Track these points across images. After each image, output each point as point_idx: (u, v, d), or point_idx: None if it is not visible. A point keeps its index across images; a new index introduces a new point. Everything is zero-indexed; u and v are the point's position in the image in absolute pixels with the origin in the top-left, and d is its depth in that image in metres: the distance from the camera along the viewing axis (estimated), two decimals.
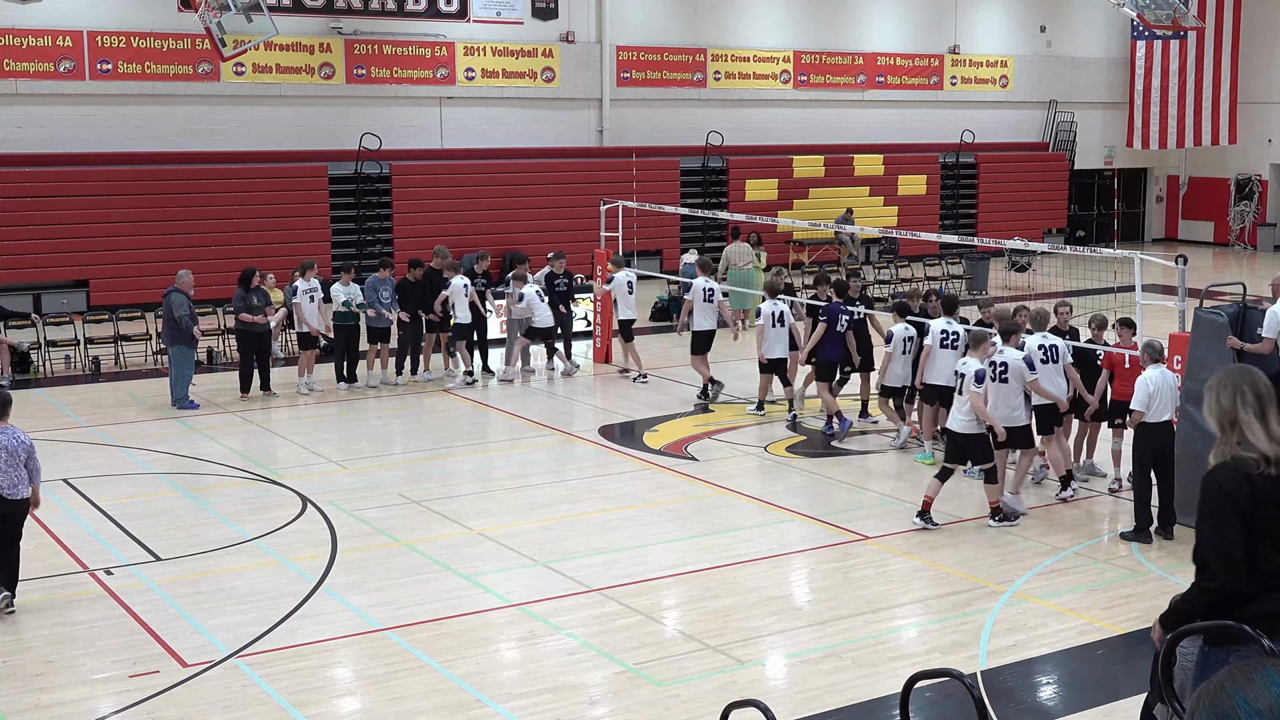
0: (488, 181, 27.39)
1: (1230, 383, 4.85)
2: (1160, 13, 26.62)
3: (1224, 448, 4.81)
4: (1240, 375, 4.91)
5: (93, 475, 13.65)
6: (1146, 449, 11.46)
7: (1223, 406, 4.81)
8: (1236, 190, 36.13)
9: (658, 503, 12.76)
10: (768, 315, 15.87)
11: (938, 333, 13.73)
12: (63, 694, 8.40)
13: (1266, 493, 4.67)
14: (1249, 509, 4.66)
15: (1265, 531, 4.69)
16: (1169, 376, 11.37)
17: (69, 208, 23.82)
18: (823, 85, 31.96)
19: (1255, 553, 4.67)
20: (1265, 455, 4.66)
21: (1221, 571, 4.72)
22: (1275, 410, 4.80)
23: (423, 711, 8.14)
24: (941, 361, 13.54)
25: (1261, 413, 4.73)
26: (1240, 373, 4.96)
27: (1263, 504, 4.68)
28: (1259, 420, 4.71)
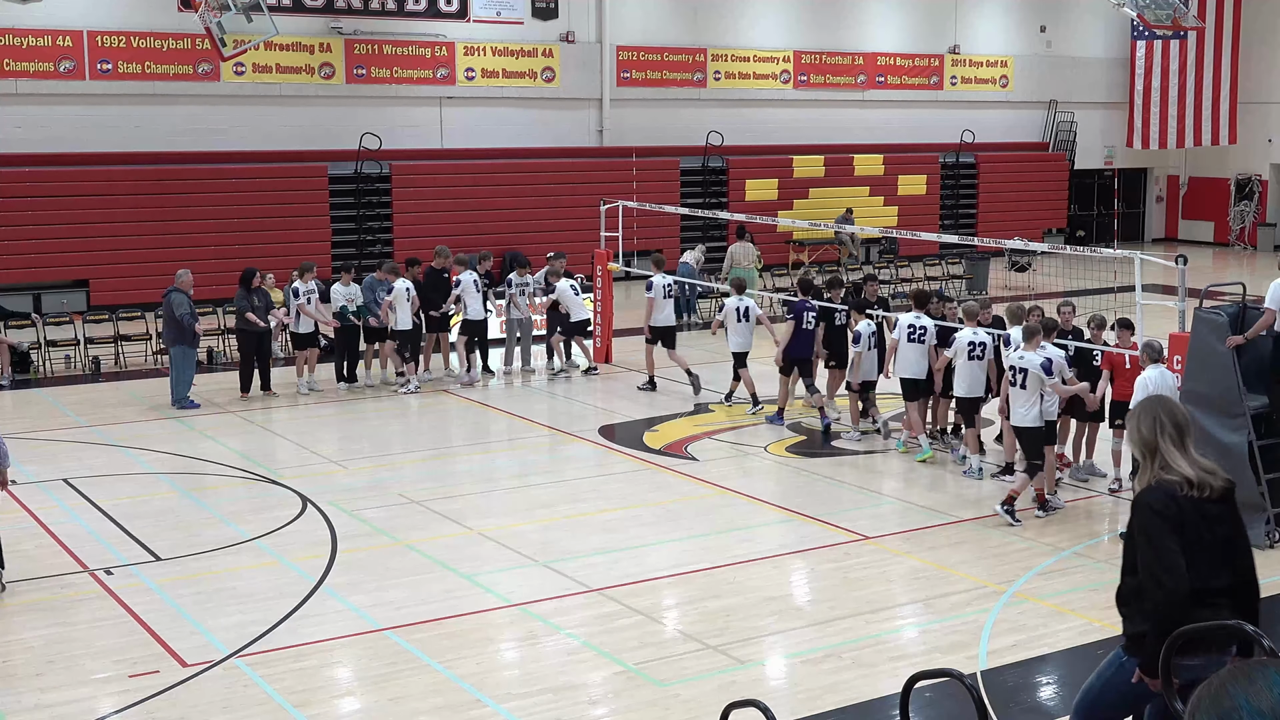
0: (488, 181, 27.39)
1: (1150, 413, 5.12)
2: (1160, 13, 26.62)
3: (1146, 474, 5.11)
4: (1159, 405, 5.19)
5: (93, 475, 13.65)
6: None
7: (1143, 436, 5.09)
8: (1236, 190, 36.13)
9: (658, 503, 12.76)
10: (731, 310, 16.43)
11: (904, 327, 14.06)
12: (63, 694, 8.40)
13: (1191, 513, 4.93)
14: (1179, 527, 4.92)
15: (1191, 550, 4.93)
16: (1168, 377, 11.32)
17: (69, 208, 23.82)
18: (823, 85, 31.96)
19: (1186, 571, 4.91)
20: (1187, 478, 4.94)
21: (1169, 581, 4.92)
22: (1192, 437, 5.09)
23: (423, 711, 8.14)
24: (910, 355, 13.95)
25: (1180, 440, 5.01)
26: (1159, 402, 5.25)
27: (1188, 523, 4.94)
28: (1178, 447, 5.00)
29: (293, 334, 18.09)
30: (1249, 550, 5.17)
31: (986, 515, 12.26)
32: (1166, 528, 4.93)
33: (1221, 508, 5.05)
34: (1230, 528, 5.06)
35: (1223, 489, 5.05)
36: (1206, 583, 4.98)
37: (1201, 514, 4.97)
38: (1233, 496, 5.14)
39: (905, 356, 14.04)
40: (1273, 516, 11.38)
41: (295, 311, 17.66)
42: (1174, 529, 4.93)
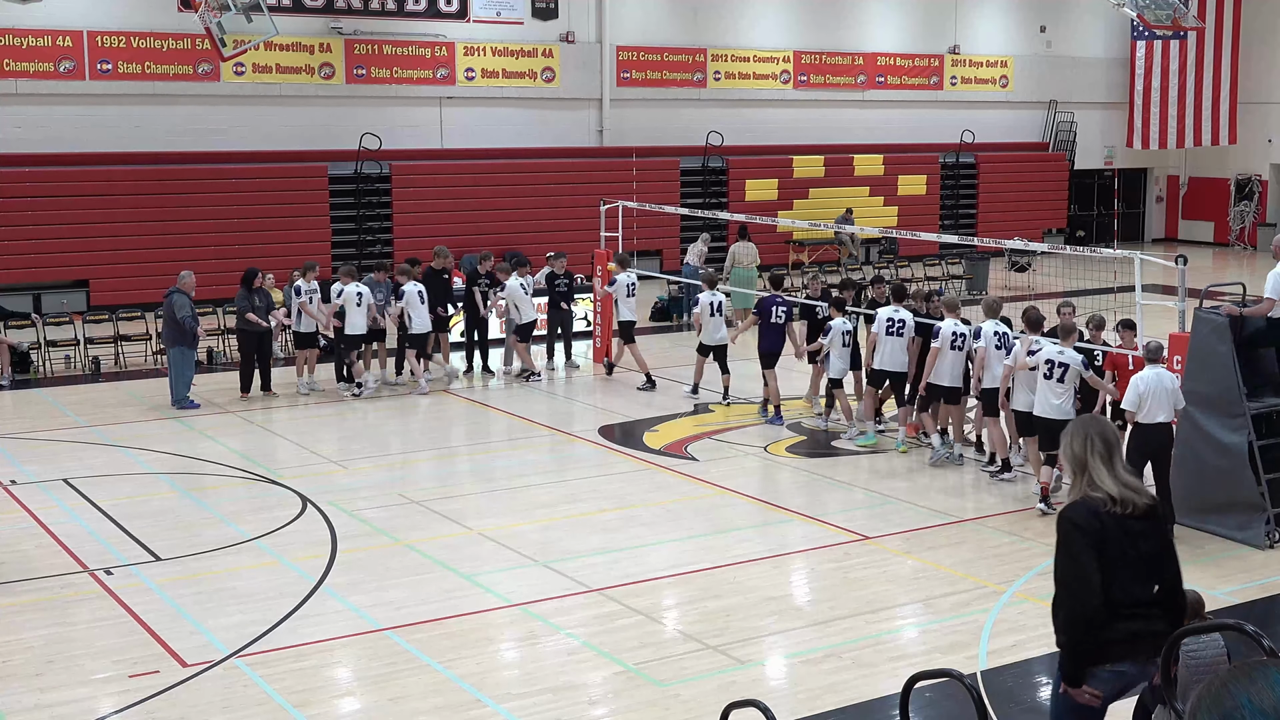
0: (488, 181, 27.38)
1: (1082, 431, 5.29)
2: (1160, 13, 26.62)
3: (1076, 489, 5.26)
4: (1091, 424, 5.38)
5: (93, 475, 13.65)
6: (1139, 449, 11.31)
7: (1074, 452, 5.25)
8: (1236, 190, 36.12)
9: (658, 503, 12.76)
10: (705, 305, 16.84)
11: (884, 321, 14.35)
12: (63, 694, 8.40)
13: (1113, 529, 5.12)
14: (1100, 543, 5.09)
15: (1114, 564, 5.12)
16: (1165, 378, 11.26)
17: (69, 208, 23.81)
18: (823, 85, 31.96)
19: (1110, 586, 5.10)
20: (1112, 495, 5.12)
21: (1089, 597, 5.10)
22: (1120, 455, 5.30)
23: (423, 711, 8.14)
24: (889, 348, 14.33)
25: (1109, 458, 5.20)
26: (1091, 422, 5.44)
27: (1111, 539, 5.12)
28: (1106, 465, 5.18)
29: (294, 333, 18.07)
30: (1176, 564, 5.40)
31: (987, 515, 12.28)
32: (1087, 543, 5.09)
33: (1145, 524, 5.23)
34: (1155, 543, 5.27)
35: (1146, 506, 5.24)
36: (1130, 596, 5.18)
37: (1124, 530, 5.14)
38: (1157, 513, 5.34)
39: (884, 350, 14.39)
40: (1273, 516, 11.38)
41: (296, 311, 17.65)
42: (1094, 544, 5.10)
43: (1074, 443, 5.26)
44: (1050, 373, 12.07)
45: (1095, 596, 5.10)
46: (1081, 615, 5.11)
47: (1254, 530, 11.41)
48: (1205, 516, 11.55)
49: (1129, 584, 5.17)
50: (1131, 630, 5.13)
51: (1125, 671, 5.17)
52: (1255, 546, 11.29)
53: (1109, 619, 5.09)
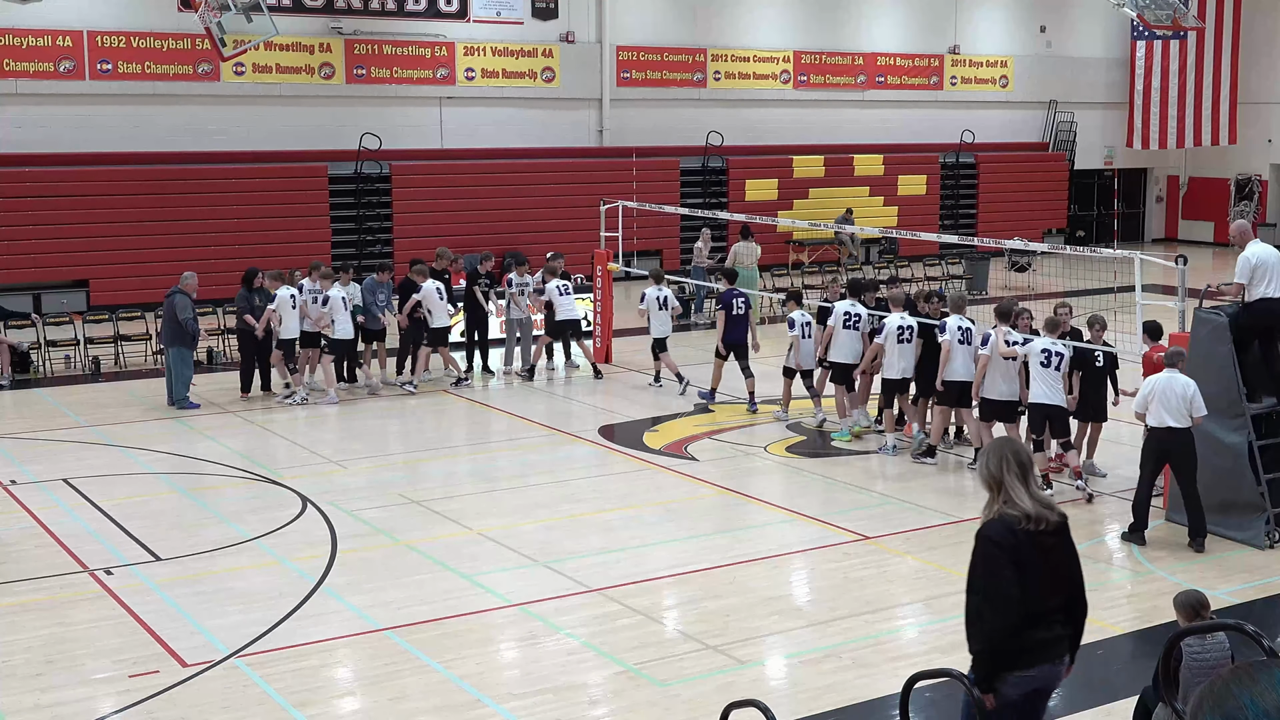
0: (488, 181, 27.38)
1: (998, 452, 5.59)
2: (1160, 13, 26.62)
3: (992, 506, 5.53)
4: (1006, 445, 5.68)
5: (93, 475, 13.65)
6: (1151, 452, 11.29)
7: (991, 471, 5.53)
8: (1236, 190, 36.12)
9: (658, 503, 12.76)
10: (651, 300, 17.70)
11: (840, 314, 14.95)
12: (63, 694, 8.40)
13: (1027, 544, 5.40)
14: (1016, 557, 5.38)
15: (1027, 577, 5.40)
16: (1177, 383, 11.01)
17: (69, 208, 23.81)
18: (823, 85, 31.95)
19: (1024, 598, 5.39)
20: (1027, 513, 5.40)
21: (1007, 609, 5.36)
22: (1034, 475, 5.61)
23: (423, 711, 8.14)
24: (845, 340, 14.87)
25: (1023, 478, 5.51)
26: (1006, 442, 5.74)
27: (1025, 554, 5.40)
28: (1021, 484, 5.47)
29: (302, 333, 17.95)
30: (1080, 574, 5.68)
31: None
32: (1004, 558, 5.37)
33: (1056, 538, 5.54)
34: (1063, 555, 5.57)
35: (1057, 522, 5.55)
36: (1042, 604, 5.48)
37: (1036, 544, 5.42)
38: (1067, 528, 5.65)
39: (840, 342, 14.94)
40: (1273, 516, 11.37)
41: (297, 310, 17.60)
42: (1010, 559, 5.38)
43: (990, 462, 5.53)
44: (1048, 361, 12.56)
45: (1016, 608, 5.36)
46: (1004, 626, 5.37)
47: (1254, 530, 11.41)
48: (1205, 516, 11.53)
49: (1040, 594, 5.43)
50: (1041, 638, 5.41)
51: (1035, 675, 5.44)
52: (1255, 546, 11.29)
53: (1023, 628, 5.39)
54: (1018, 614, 5.34)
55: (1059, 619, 5.51)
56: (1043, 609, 5.44)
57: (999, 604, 5.36)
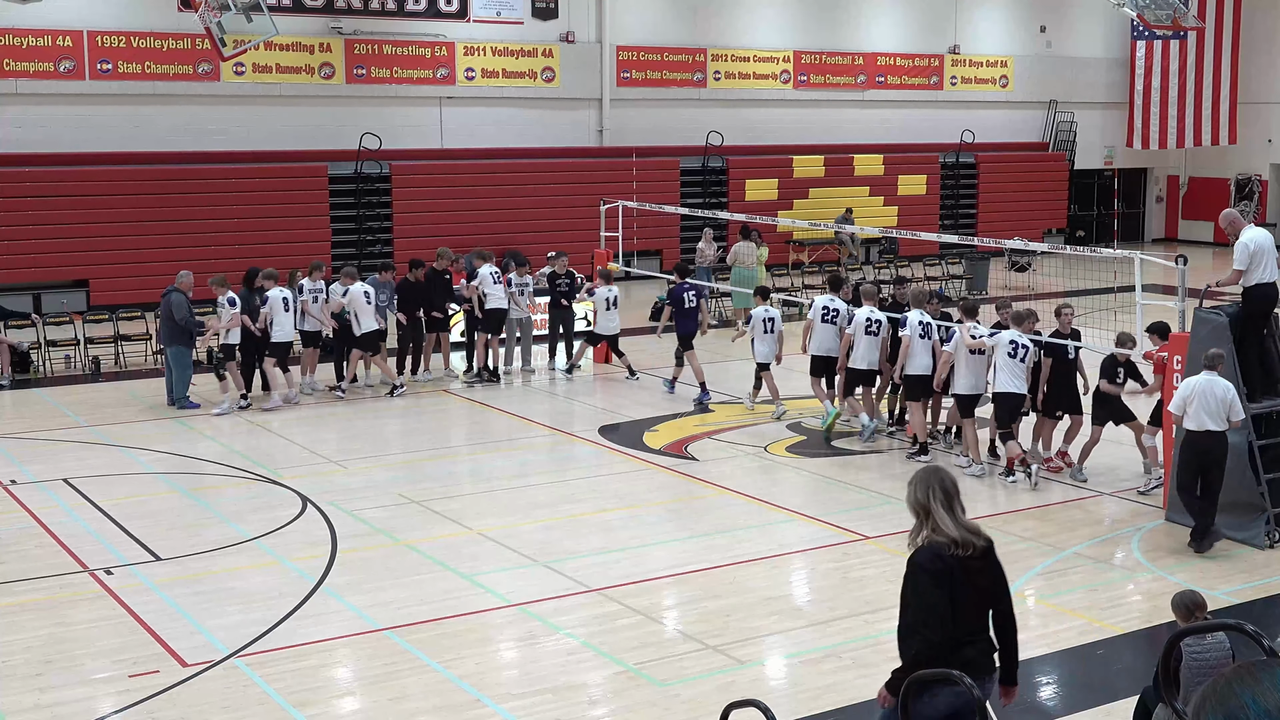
0: (488, 181, 27.37)
1: (925, 481, 5.81)
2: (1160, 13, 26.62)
3: (919, 533, 5.79)
4: (933, 474, 5.89)
5: (93, 475, 13.65)
6: (1188, 462, 11.05)
7: (918, 499, 5.76)
8: (1236, 190, 36.11)
9: (658, 503, 12.76)
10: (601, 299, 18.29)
11: (819, 309, 15.34)
12: (63, 694, 8.40)
13: (956, 569, 5.66)
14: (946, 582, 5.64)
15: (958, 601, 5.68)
16: (1217, 385, 10.88)
17: (69, 208, 23.80)
18: (823, 85, 31.94)
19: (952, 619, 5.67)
20: (954, 540, 5.64)
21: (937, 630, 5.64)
22: (959, 503, 5.81)
23: (423, 711, 8.14)
24: (824, 334, 15.28)
25: (949, 505, 5.73)
26: (934, 471, 5.94)
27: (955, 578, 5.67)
28: (947, 512, 5.70)
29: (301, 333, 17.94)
30: (1008, 594, 5.97)
31: (986, 516, 12.27)
32: (934, 583, 5.63)
33: (982, 562, 5.79)
34: (990, 578, 5.84)
35: (984, 548, 5.79)
36: (971, 625, 5.77)
37: (965, 568, 5.68)
38: (993, 552, 5.88)
39: (819, 336, 15.29)
40: (1273, 516, 11.37)
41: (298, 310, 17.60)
42: (941, 584, 5.63)
43: (918, 490, 5.76)
44: (1014, 353, 12.99)
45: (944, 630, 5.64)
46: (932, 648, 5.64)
47: (1254, 530, 11.41)
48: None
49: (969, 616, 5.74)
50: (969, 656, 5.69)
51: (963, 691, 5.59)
52: (1255, 546, 11.29)
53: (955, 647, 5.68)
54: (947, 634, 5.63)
55: (986, 638, 5.82)
56: (971, 629, 5.73)
57: (931, 624, 5.61)
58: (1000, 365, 13.07)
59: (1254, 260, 11.63)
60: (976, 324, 13.55)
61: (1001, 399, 13.18)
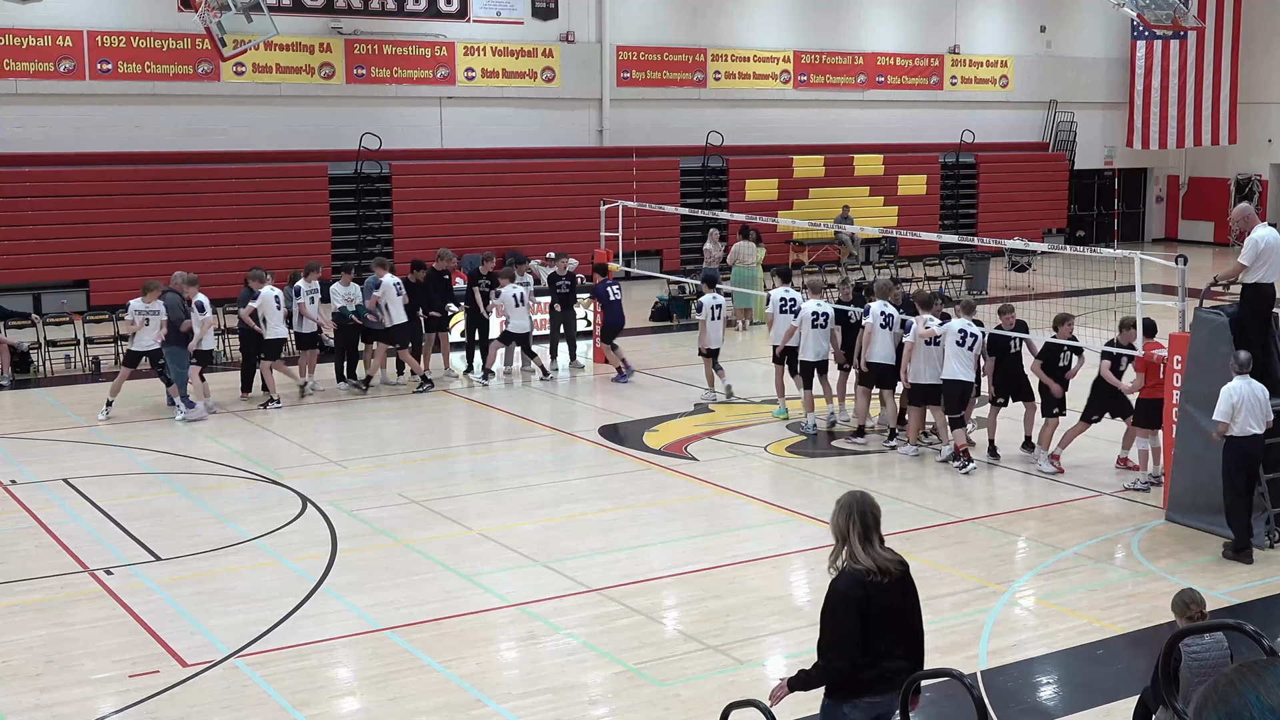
0: (488, 181, 27.37)
1: (847, 508, 6.07)
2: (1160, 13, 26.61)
3: (838, 559, 6.09)
4: (855, 503, 6.13)
5: (93, 475, 13.65)
6: (1237, 463, 10.89)
7: (839, 526, 6.05)
8: (1236, 190, 36.10)
9: (658, 503, 12.76)
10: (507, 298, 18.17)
11: (778, 300, 15.66)
12: (63, 694, 8.40)
13: (875, 595, 5.90)
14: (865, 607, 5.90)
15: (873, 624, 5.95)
16: (1257, 387, 10.85)
17: (69, 208, 23.81)
18: (823, 85, 31.95)
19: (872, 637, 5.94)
20: (870, 568, 5.89)
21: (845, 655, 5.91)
22: (878, 532, 6.10)
23: (423, 711, 8.14)
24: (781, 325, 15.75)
25: (867, 535, 6.03)
26: (858, 499, 6.17)
27: (872, 603, 5.92)
28: (864, 542, 5.98)
29: (295, 334, 17.98)
30: (920, 617, 6.21)
31: (986, 515, 12.28)
32: (851, 610, 5.88)
33: (899, 586, 6.04)
34: (906, 600, 6.09)
35: (899, 574, 6.04)
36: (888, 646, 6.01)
37: (882, 592, 5.93)
38: (909, 576, 6.13)
39: (777, 328, 15.71)
40: (1273, 516, 11.37)
41: (295, 311, 17.61)
42: (858, 610, 5.89)
43: (839, 517, 6.04)
44: (963, 341, 13.43)
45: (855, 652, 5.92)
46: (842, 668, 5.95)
47: (1255, 530, 11.39)
48: (1205, 516, 11.53)
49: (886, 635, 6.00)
50: (884, 671, 5.96)
51: (880, 702, 6.02)
52: (1255, 546, 11.28)
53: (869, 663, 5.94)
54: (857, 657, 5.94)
55: (901, 654, 6.06)
56: (886, 647, 6.00)
57: (840, 652, 5.91)
58: (949, 353, 13.52)
59: (1260, 258, 11.65)
60: (931, 316, 13.97)
61: (950, 385, 13.61)
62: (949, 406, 13.76)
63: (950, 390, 13.65)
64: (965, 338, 13.48)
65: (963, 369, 13.53)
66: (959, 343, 13.47)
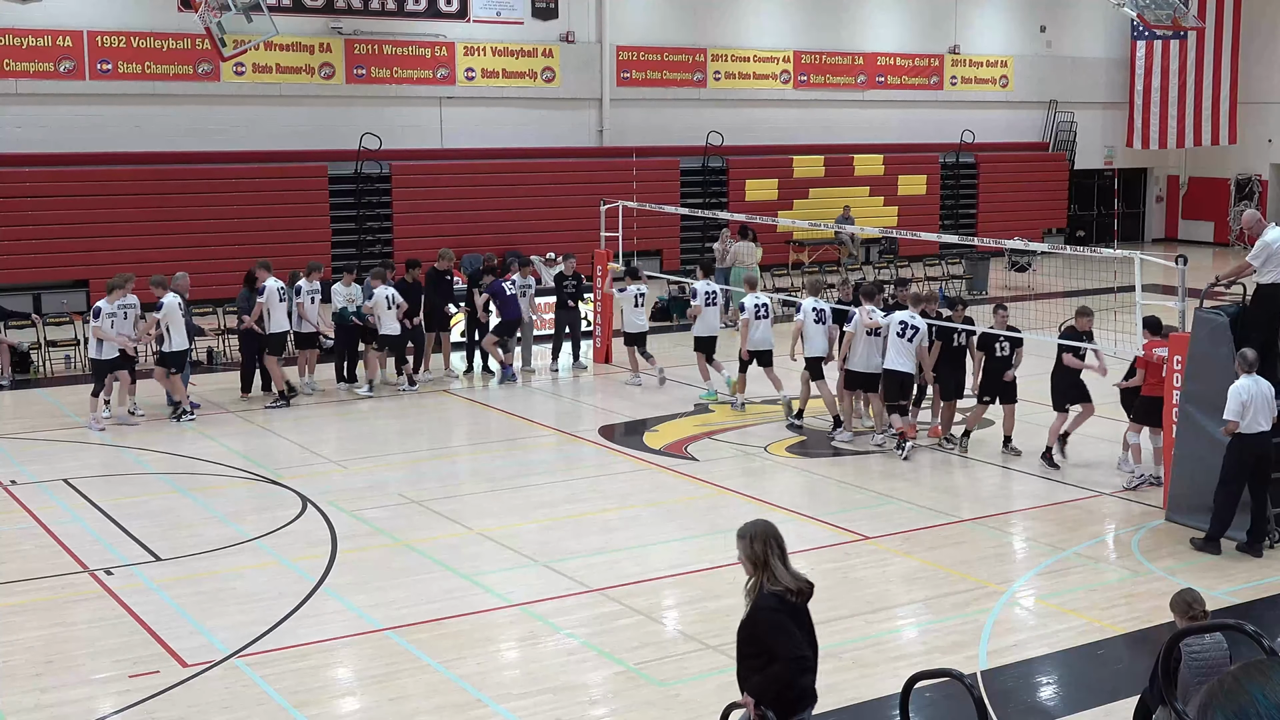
0: (488, 181, 27.37)
1: (761, 535, 6.22)
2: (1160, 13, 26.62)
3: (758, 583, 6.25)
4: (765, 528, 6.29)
5: (93, 475, 13.65)
6: (1240, 461, 10.90)
7: (756, 552, 6.19)
8: (1236, 190, 36.11)
9: (658, 503, 12.76)
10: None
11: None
12: (63, 694, 8.40)
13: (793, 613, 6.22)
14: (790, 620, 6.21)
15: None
16: (1264, 385, 10.86)
17: (69, 208, 23.80)
18: (823, 85, 31.95)
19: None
20: (789, 588, 6.16)
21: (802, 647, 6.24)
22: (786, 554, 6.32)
23: (423, 711, 8.14)
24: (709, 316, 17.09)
25: (782, 556, 6.24)
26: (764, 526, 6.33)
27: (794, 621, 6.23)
28: (782, 563, 6.21)
29: (295, 334, 17.98)
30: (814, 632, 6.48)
31: (986, 515, 12.28)
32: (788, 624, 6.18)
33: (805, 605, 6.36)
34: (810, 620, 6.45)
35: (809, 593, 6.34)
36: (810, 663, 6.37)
37: (798, 612, 6.27)
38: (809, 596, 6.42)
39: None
40: (1273, 516, 11.37)
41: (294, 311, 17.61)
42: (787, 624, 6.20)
43: (755, 545, 6.17)
44: (903, 332, 14.00)
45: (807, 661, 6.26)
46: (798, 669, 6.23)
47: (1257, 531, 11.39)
48: (1205, 516, 11.52)
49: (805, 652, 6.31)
50: (805, 685, 6.35)
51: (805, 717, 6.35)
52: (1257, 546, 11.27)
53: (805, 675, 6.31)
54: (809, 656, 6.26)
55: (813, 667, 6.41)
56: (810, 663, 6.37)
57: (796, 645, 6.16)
58: (890, 344, 14.12)
59: (1270, 260, 11.71)
60: (874, 308, 14.59)
61: (889, 375, 14.22)
62: (888, 394, 14.34)
63: (889, 380, 14.23)
64: (906, 329, 14.03)
65: (902, 360, 14.09)
66: (900, 334, 14.04)
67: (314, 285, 17.64)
